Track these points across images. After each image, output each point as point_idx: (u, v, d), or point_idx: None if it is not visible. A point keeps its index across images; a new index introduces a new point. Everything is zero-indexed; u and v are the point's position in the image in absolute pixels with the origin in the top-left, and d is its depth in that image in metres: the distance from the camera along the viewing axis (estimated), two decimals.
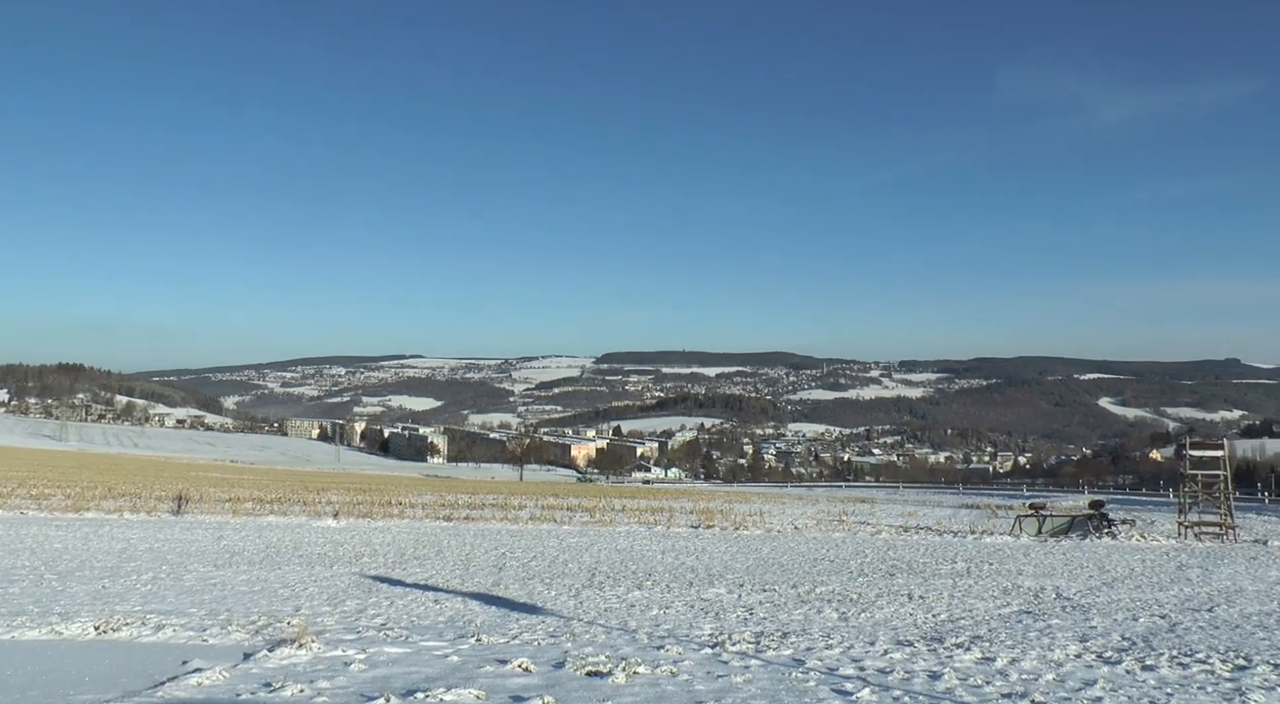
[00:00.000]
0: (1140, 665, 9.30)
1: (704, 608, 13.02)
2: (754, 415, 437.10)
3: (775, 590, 15.16)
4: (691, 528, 30.48)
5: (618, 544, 24.14)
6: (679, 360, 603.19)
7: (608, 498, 54.32)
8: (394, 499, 43.18)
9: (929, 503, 62.81)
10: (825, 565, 19.69)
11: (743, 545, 24.50)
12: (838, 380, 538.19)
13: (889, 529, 31.67)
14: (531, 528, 29.44)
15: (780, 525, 32.29)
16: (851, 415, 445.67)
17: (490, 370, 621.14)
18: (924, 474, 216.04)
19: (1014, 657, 9.57)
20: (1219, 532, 30.22)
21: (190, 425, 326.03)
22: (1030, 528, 30.97)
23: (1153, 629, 11.92)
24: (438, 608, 12.43)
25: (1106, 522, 32.09)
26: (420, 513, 34.31)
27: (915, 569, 19.23)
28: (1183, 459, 33.22)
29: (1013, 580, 17.43)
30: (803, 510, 44.71)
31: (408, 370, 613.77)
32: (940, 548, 24.88)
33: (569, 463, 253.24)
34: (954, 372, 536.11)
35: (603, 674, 8.14)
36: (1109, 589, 16.39)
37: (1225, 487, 31.23)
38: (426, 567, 17.75)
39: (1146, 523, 36.12)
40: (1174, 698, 7.94)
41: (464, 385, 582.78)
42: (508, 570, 17.44)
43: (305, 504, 37.06)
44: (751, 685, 7.90)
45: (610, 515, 35.67)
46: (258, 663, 8.43)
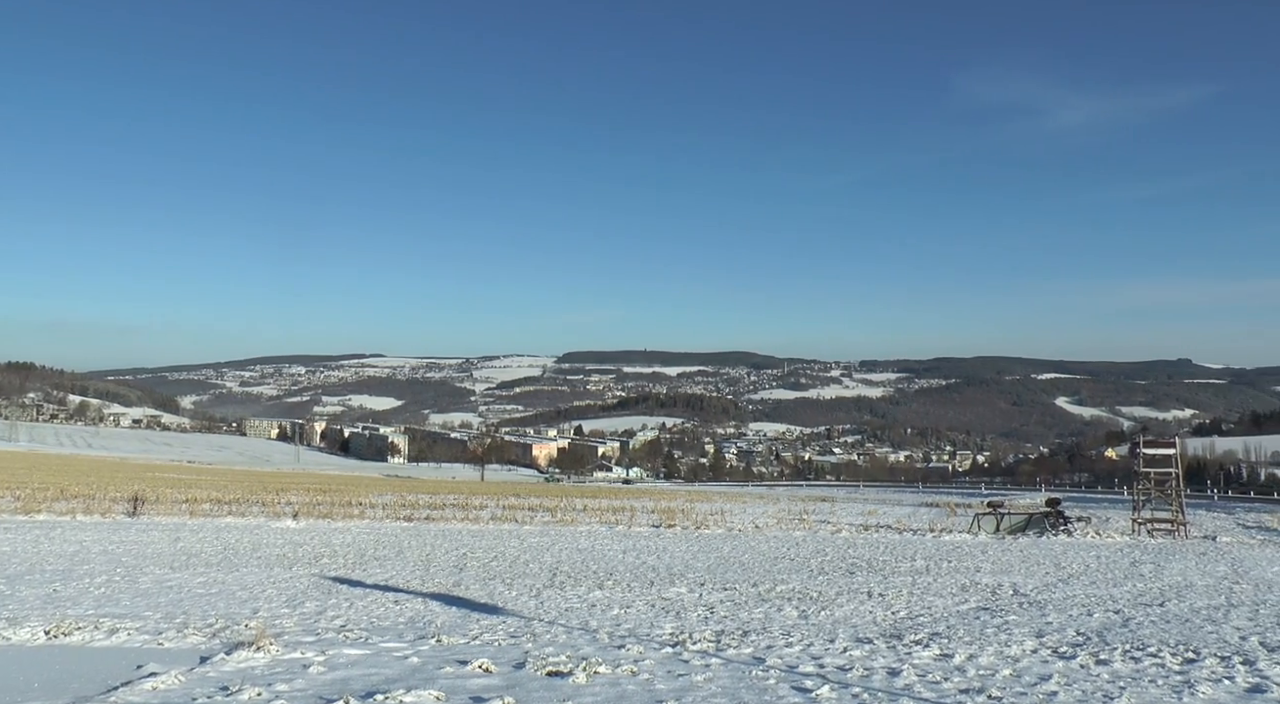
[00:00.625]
0: (1094, 660, 9.45)
1: (665, 607, 13.04)
2: (715, 415, 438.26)
3: (736, 589, 15.21)
4: (653, 527, 30.51)
5: (579, 544, 24.11)
6: (640, 360, 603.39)
7: (569, 498, 54.24)
8: (354, 500, 42.87)
9: (889, 501, 63.29)
10: (786, 564, 19.78)
11: (704, 544, 24.55)
12: (799, 380, 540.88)
13: (849, 528, 31.88)
14: (493, 528, 29.33)
15: (741, 524, 32.40)
16: (812, 415, 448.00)
17: (451, 370, 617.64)
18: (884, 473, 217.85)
19: (972, 653, 9.68)
20: (1171, 528, 30.74)
21: (146, 425, 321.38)
22: (988, 526, 31.30)
23: (1107, 624, 12.10)
24: (398, 609, 12.35)
25: (1063, 519, 32.51)
26: (381, 513, 34.07)
27: (875, 567, 19.37)
28: (1136, 458, 33.79)
29: (971, 577, 17.61)
30: (764, 509, 44.89)
31: (368, 370, 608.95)
32: (900, 546, 25.08)
33: (530, 463, 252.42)
34: (914, 371, 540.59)
35: (563, 674, 8.12)
36: (1065, 585, 16.61)
37: (1177, 484, 31.78)
38: (387, 567, 17.62)
39: (1102, 520, 36.64)
40: (1126, 691, 8.07)
41: (425, 385, 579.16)
42: (469, 571, 17.37)
43: (264, 505, 36.66)
44: (712, 684, 7.93)
45: (572, 515, 35.62)
46: (214, 666, 8.32)
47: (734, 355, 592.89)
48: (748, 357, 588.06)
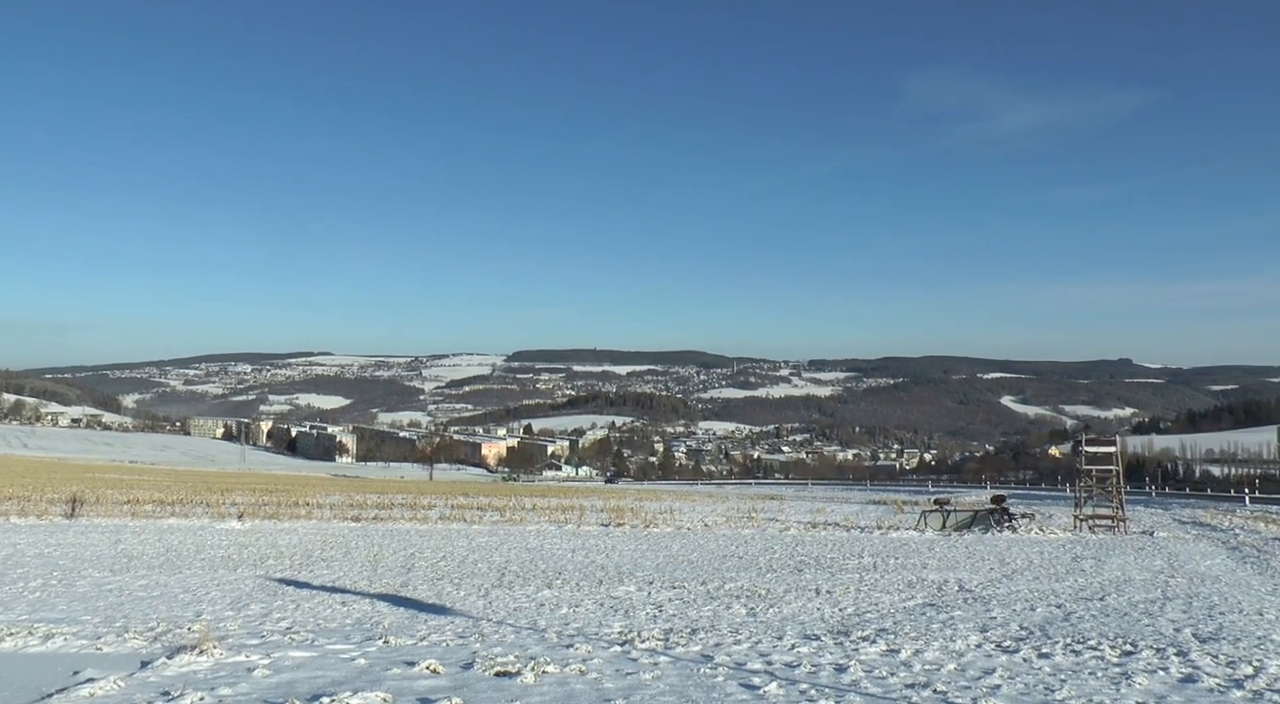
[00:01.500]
0: (1037, 654, 9.62)
1: (614, 606, 13.05)
2: (665, 414, 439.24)
3: (685, 587, 15.26)
4: (602, 526, 30.50)
5: (528, 543, 24.04)
6: (590, 359, 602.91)
7: (518, 497, 54.09)
8: (301, 500, 42.40)
9: (837, 499, 63.84)
10: (734, 562, 19.87)
11: (653, 543, 24.59)
12: (748, 379, 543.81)
13: (798, 525, 32.10)
14: (441, 528, 29.15)
15: (690, 523, 32.50)
16: (761, 414, 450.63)
17: (400, 368, 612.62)
18: (832, 471, 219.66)
19: (918, 648, 9.81)
20: (1111, 524, 31.35)
21: (86, 425, 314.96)
22: (935, 523, 31.66)
23: (1049, 618, 12.32)
24: (345, 610, 12.23)
25: (1007, 516, 32.96)
26: (328, 513, 33.72)
27: (823, 564, 19.52)
28: (1079, 455, 34.42)
29: (917, 574, 17.82)
30: (713, 508, 45.07)
31: (316, 368, 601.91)
32: (848, 543, 25.30)
33: (480, 462, 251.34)
34: (862, 371, 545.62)
35: (511, 674, 8.10)
36: (1009, 581, 16.86)
37: (1117, 481, 32.41)
38: (334, 568, 17.45)
39: (1045, 517, 37.24)
40: (1067, 684, 8.23)
41: (373, 383, 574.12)
42: (417, 571, 17.25)
43: (209, 506, 36.11)
44: (660, 682, 7.95)
45: (521, 514, 35.50)
46: (155, 671, 8.16)
47: (683, 354, 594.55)
48: (697, 356, 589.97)
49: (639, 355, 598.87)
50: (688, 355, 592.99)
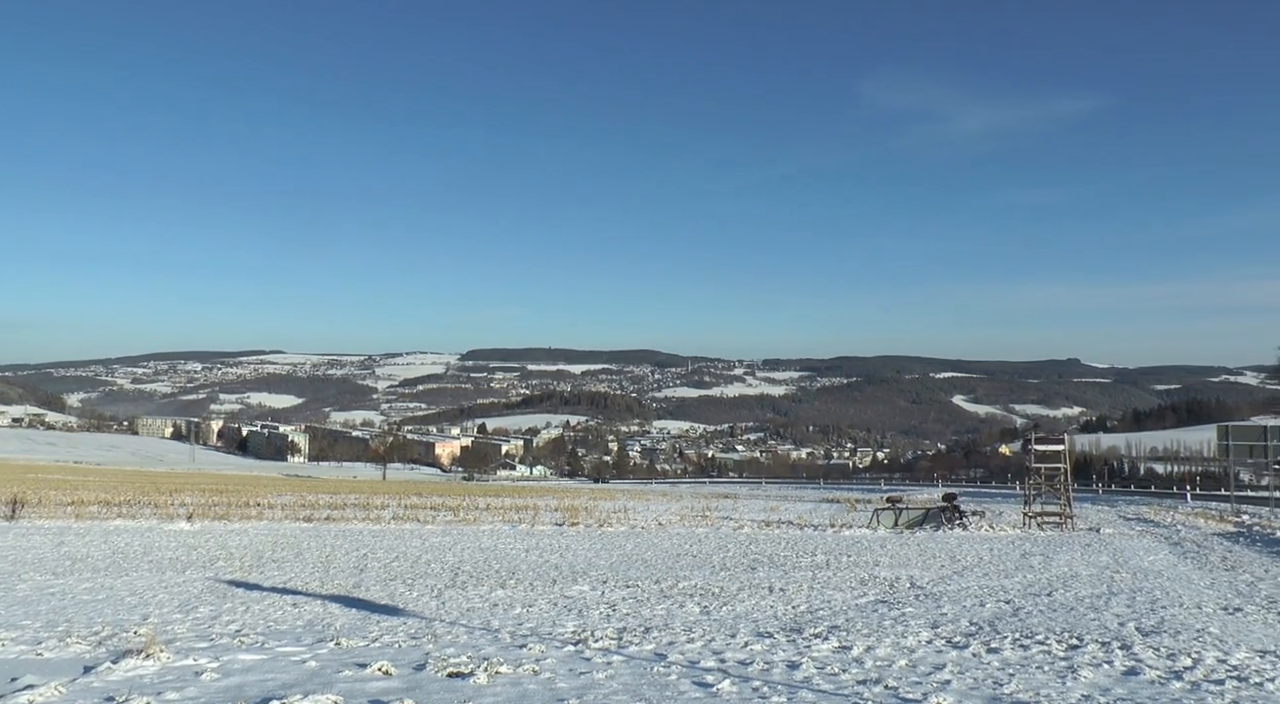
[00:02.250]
0: (986, 649, 9.77)
1: (567, 606, 13.04)
2: (619, 413, 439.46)
3: (639, 586, 15.29)
4: (556, 526, 30.45)
5: (481, 543, 23.95)
6: (544, 357, 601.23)
7: (472, 496, 53.85)
8: (252, 500, 41.91)
9: (791, 498, 64.27)
10: (688, 561, 19.93)
11: (607, 542, 24.60)
12: (702, 378, 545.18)
13: (751, 524, 32.26)
14: (394, 528, 28.94)
15: (644, 522, 32.55)
16: (716, 413, 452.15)
17: (353, 367, 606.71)
18: (786, 470, 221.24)
19: (869, 645, 9.91)
20: (1059, 521, 31.85)
21: (29, 424, 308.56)
22: (887, 521, 31.95)
23: (998, 614, 12.50)
24: (296, 612, 12.11)
25: (958, 513, 33.36)
26: (280, 514, 33.36)
27: (776, 562, 19.64)
28: (1028, 453, 34.94)
29: (870, 571, 17.99)
30: (667, 507, 45.16)
31: (267, 366, 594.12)
32: (801, 541, 25.47)
33: (433, 461, 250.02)
34: (816, 370, 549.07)
35: (465, 675, 8.07)
36: (959, 577, 17.07)
37: (1065, 479, 32.93)
38: (285, 569, 17.27)
39: (995, 514, 37.75)
40: (1015, 678, 8.37)
41: (326, 382, 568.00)
42: (369, 572, 17.12)
43: (157, 507, 35.56)
44: (614, 681, 7.96)
45: (474, 514, 35.35)
46: (99, 676, 7.98)
47: (638, 353, 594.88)
48: (652, 355, 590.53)
49: (594, 354, 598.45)
50: (642, 354, 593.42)
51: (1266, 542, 25.87)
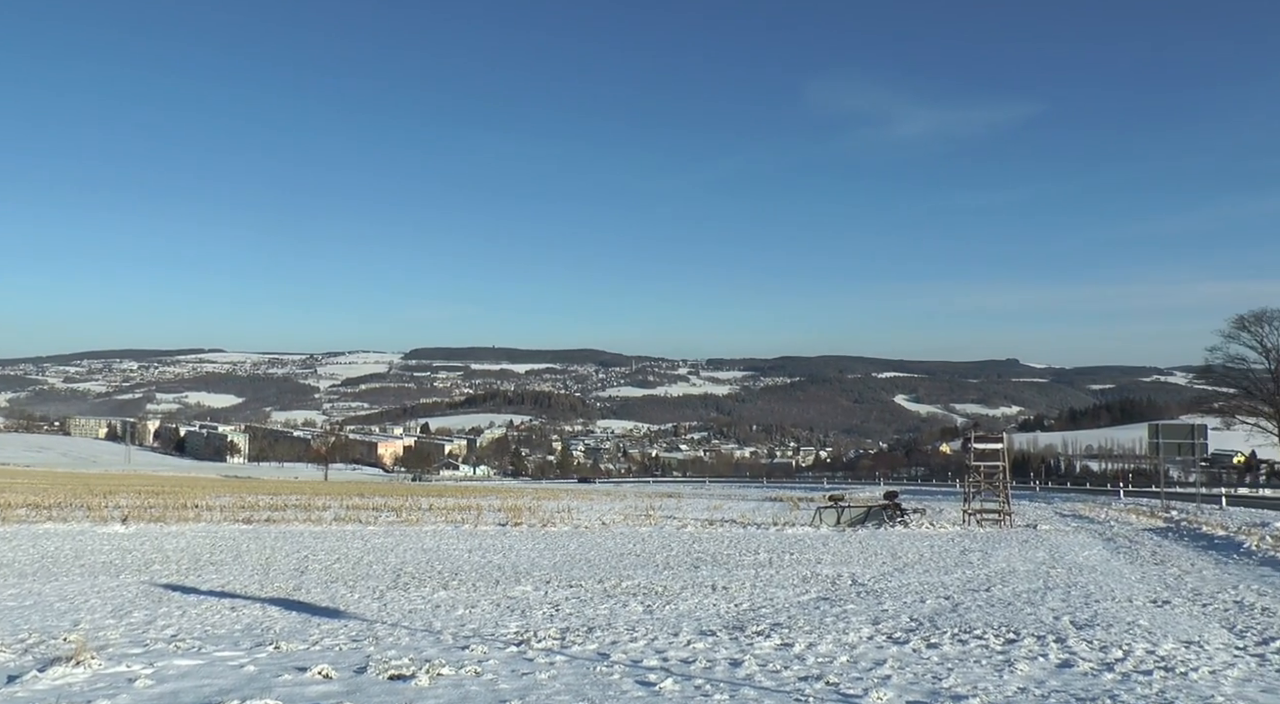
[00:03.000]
0: (926, 644, 9.92)
1: (510, 606, 12.99)
2: (563, 412, 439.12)
3: (582, 586, 15.28)
4: (499, 526, 30.32)
5: (424, 544, 23.77)
6: (488, 357, 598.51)
7: (415, 496, 53.44)
8: (190, 502, 41.18)
9: (734, 497, 64.63)
10: (632, 560, 19.96)
11: (550, 542, 24.55)
12: (646, 378, 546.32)
13: (695, 523, 32.38)
14: (336, 529, 28.62)
15: (588, 521, 32.53)
16: (660, 412, 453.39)
17: (294, 366, 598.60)
18: (730, 469, 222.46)
19: (811, 641, 10.00)
20: (998, 518, 32.41)
21: None
22: (829, 519, 32.23)
23: (938, 610, 12.68)
24: (234, 615, 11.92)
25: (900, 511, 33.80)
26: (218, 515, 32.82)
27: (719, 561, 19.73)
28: (968, 452, 35.52)
29: (812, 569, 18.14)
30: (610, 506, 45.18)
31: (206, 365, 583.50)
32: (744, 540, 25.61)
33: (376, 461, 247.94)
34: (759, 370, 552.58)
35: (406, 677, 8.01)
36: (900, 574, 17.28)
37: (1004, 477, 33.50)
38: (224, 572, 16.99)
39: (936, 511, 38.30)
40: (954, 672, 8.52)
41: (266, 381, 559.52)
42: (310, 574, 16.91)
43: (89, 509, 34.76)
44: (556, 682, 7.95)
45: (417, 514, 35.07)
46: (25, 685, 7.70)
47: (582, 353, 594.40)
48: (596, 354, 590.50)
49: (538, 353, 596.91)
50: (586, 354, 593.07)
51: (1193, 537, 26.54)
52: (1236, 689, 8.01)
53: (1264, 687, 8.15)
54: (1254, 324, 74.79)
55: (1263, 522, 30.67)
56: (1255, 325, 74.75)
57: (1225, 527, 28.65)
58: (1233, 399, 79.70)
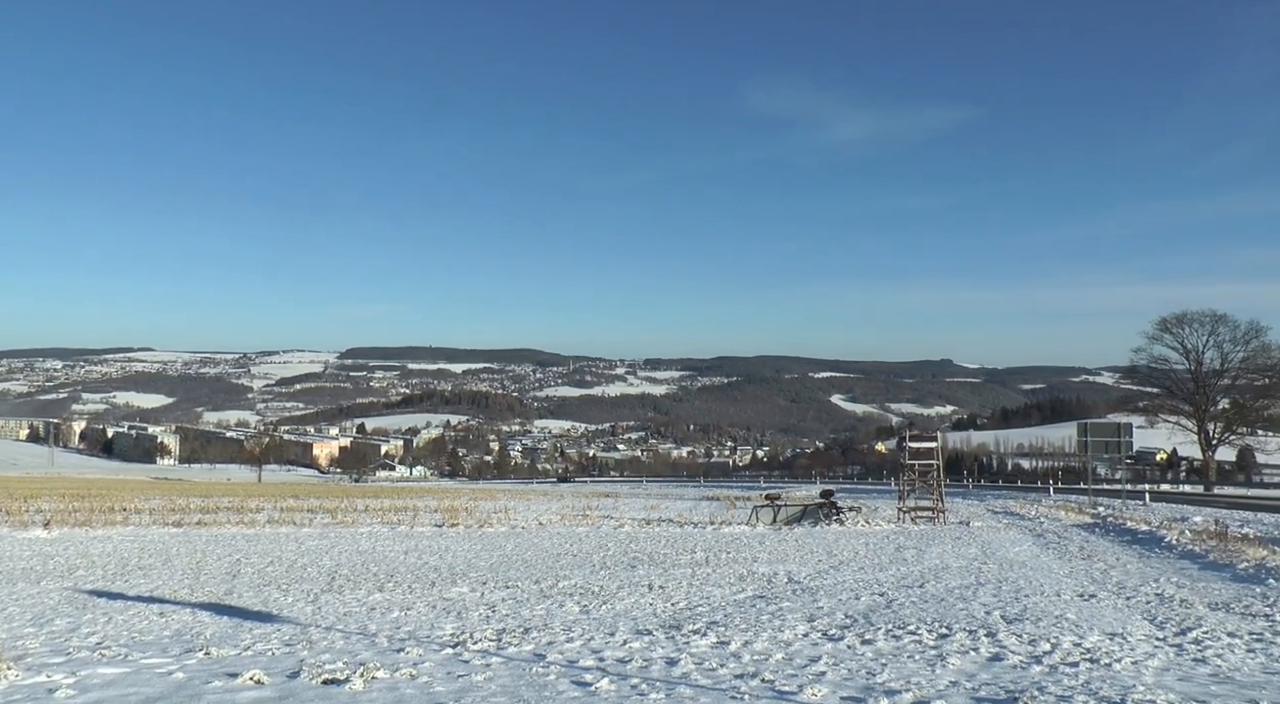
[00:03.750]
0: (860, 640, 10.04)
1: (446, 608, 12.91)
2: (500, 412, 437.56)
3: (518, 587, 15.23)
4: (436, 527, 30.10)
5: (359, 546, 23.51)
6: (425, 356, 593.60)
7: (351, 498, 52.82)
8: (117, 505, 40.25)
9: (671, 496, 64.82)
10: (568, 560, 19.94)
11: (487, 543, 24.43)
12: (584, 377, 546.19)
13: (632, 522, 32.43)
14: (269, 531, 28.19)
15: (525, 522, 32.41)
16: (597, 412, 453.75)
17: (227, 365, 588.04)
18: (667, 468, 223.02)
19: (747, 639, 10.08)
20: (932, 515, 32.87)
21: None
22: (766, 517, 32.42)
23: (873, 606, 12.84)
24: (163, 621, 11.67)
25: (835, 509, 34.10)
26: (147, 519, 32.13)
27: (656, 560, 19.78)
28: (903, 450, 36.04)
29: (748, 567, 18.26)
30: (548, 506, 45.07)
31: (135, 365, 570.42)
32: (681, 539, 25.71)
33: (311, 462, 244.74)
34: (697, 369, 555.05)
35: (340, 681, 7.91)
36: (836, 572, 17.47)
37: (938, 475, 33.99)
38: (152, 577, 16.64)
39: (871, 509, 38.70)
40: (888, 667, 8.64)
41: (198, 381, 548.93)
42: (242, 577, 16.64)
43: (9, 514, 33.78)
44: (492, 683, 7.92)
45: (352, 516, 34.67)
46: None
47: (520, 352, 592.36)
48: (534, 354, 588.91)
49: (475, 353, 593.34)
50: (524, 353, 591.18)
51: (1119, 532, 27.21)
52: (1156, 678, 8.24)
53: (1181, 675, 8.40)
54: (1176, 326, 77.07)
55: (1183, 517, 31.52)
56: (1177, 327, 77.03)
57: (1148, 522, 29.39)
58: (1156, 399, 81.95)
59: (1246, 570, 16.81)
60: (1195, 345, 76.20)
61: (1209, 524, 26.02)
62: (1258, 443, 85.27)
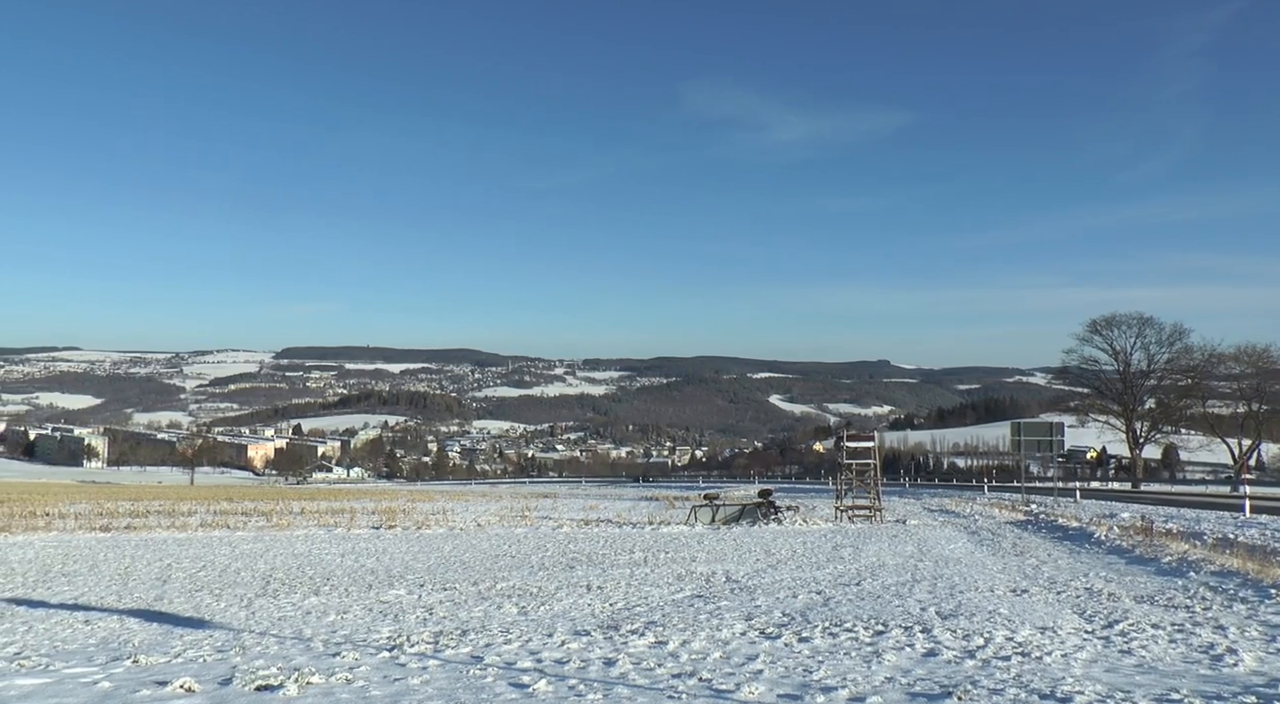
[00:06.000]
0: (797, 638, 10.11)
1: (383, 610, 12.76)
2: (439, 413, 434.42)
3: (456, 589, 15.11)
4: (373, 529, 29.78)
5: (295, 549, 23.18)
6: (362, 356, 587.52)
7: (286, 500, 52.06)
8: (40, 509, 39.20)
9: (610, 496, 64.86)
10: (507, 561, 19.84)
11: (425, 545, 24.23)
12: (523, 377, 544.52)
13: (570, 523, 32.38)
14: (202, 536, 27.66)
15: (463, 523, 32.22)
16: (536, 412, 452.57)
17: (159, 365, 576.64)
18: (606, 469, 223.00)
19: (685, 639, 10.10)
20: (869, 514, 33.26)
21: None
22: (704, 517, 32.56)
23: (810, 604, 12.94)
24: (88, 629, 11.36)
25: (774, 509, 34.35)
26: (73, 524, 31.32)
27: (595, 561, 19.76)
28: (841, 450, 36.42)
29: (687, 567, 18.31)
30: (486, 507, 44.86)
31: (60, 364, 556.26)
32: (619, 539, 25.72)
33: (246, 464, 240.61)
34: (636, 370, 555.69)
35: (274, 687, 7.78)
36: (774, 571, 17.58)
37: (875, 474, 34.42)
38: (77, 584, 16.21)
39: (809, 508, 39.01)
40: (824, 664, 8.71)
41: (128, 381, 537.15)
42: (173, 583, 16.30)
43: None
44: (429, 686, 7.84)
45: (288, 519, 34.18)
46: None
47: (458, 352, 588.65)
48: (472, 354, 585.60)
49: (413, 353, 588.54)
50: (462, 353, 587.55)
51: (1050, 528, 27.77)
52: (1084, 670, 8.43)
53: (1108, 667, 8.60)
54: (1105, 328, 78.92)
55: (1111, 513, 32.27)
56: (1106, 329, 78.89)
57: (1079, 518, 30.03)
58: (1086, 398, 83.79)
59: (1170, 564, 17.25)
60: (1123, 347, 78.15)
61: (1136, 520, 26.65)
62: (1181, 441, 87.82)
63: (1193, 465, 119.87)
